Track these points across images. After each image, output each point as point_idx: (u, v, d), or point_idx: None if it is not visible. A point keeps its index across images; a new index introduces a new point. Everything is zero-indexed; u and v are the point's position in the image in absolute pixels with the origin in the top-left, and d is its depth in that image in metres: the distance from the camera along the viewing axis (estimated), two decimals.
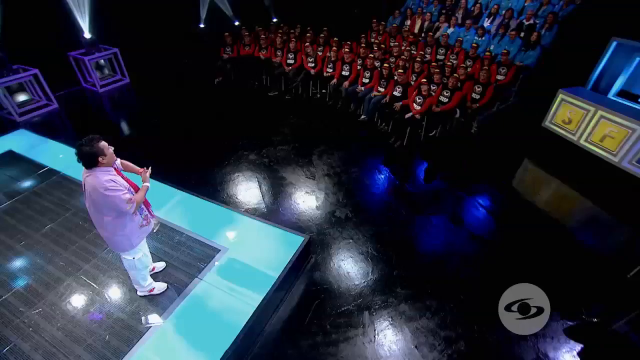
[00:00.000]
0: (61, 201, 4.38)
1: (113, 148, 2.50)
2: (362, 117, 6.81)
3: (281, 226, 3.92)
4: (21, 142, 5.69)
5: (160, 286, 3.23)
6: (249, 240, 3.78)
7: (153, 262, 3.36)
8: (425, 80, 5.81)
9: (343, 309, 3.41)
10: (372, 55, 6.75)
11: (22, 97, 6.71)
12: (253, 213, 4.37)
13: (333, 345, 3.11)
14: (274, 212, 4.58)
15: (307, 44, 7.58)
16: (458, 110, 6.16)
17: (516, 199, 5.03)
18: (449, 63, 6.49)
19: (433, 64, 6.58)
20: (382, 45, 7.48)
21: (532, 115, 6.60)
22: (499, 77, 6.54)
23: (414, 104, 5.94)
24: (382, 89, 6.58)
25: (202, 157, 5.79)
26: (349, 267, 3.85)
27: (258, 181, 5.20)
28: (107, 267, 3.50)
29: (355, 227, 4.37)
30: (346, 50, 7.07)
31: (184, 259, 3.56)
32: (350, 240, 4.18)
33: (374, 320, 3.30)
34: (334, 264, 3.88)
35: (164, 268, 3.46)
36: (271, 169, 5.49)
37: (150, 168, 2.77)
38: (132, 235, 2.68)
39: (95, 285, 3.33)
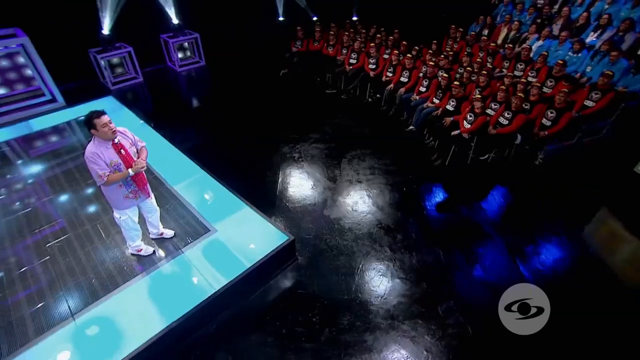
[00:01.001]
0: None
1: (112, 127, 2.82)
2: (411, 127, 6.43)
3: (272, 221, 4.01)
4: (106, 106, 6.85)
5: (147, 249, 3.64)
6: (239, 228, 3.96)
7: (168, 230, 3.81)
8: (479, 96, 5.19)
9: (305, 318, 3.34)
10: (432, 63, 6.28)
11: (118, 70, 8.10)
12: (258, 202, 4.51)
13: (279, 350, 3.09)
14: (279, 207, 4.70)
15: (373, 44, 7.42)
16: (520, 136, 5.37)
17: (584, 257, 4.03)
18: (523, 80, 5.66)
19: (503, 81, 5.81)
20: (450, 53, 6.90)
21: (625, 156, 5.36)
22: (588, 104, 5.47)
23: (464, 121, 5.37)
24: (436, 101, 6.11)
25: (240, 138, 6.32)
26: (330, 279, 3.74)
27: (278, 173, 5.37)
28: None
29: (353, 240, 4.21)
30: (407, 55, 6.72)
31: (178, 231, 3.92)
32: (342, 254, 4.04)
33: (334, 340, 3.16)
34: (316, 272, 3.82)
35: (172, 236, 3.84)
36: (297, 164, 5.61)
37: (140, 164, 2.98)
38: (116, 201, 3.10)
39: (103, 236, 3.91)
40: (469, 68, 6.20)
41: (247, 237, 3.83)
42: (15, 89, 6.91)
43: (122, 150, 2.91)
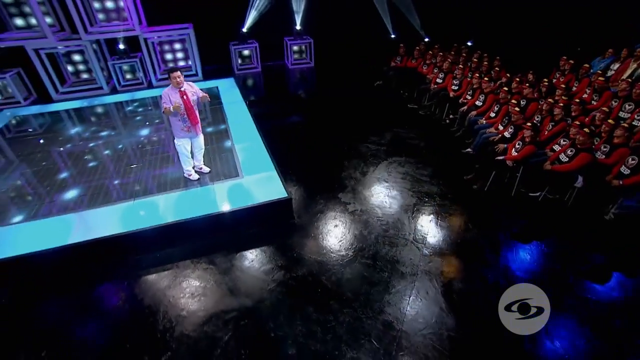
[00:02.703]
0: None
1: (181, 79, 4.34)
2: (469, 149, 6.38)
3: (284, 185, 4.92)
4: (225, 85, 9.05)
5: (194, 176, 5.08)
6: (260, 182, 5.04)
7: (205, 166, 5.22)
8: (529, 124, 4.92)
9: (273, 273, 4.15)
10: (505, 89, 6.13)
11: (246, 60, 10.41)
12: (287, 170, 5.47)
13: (237, 284, 3.98)
14: (304, 180, 5.60)
15: (460, 66, 7.56)
16: (581, 179, 4.83)
17: None
18: (626, 123, 4.96)
19: (577, 122, 5.24)
20: (545, 84, 6.48)
21: None
22: None
23: (513, 149, 5.17)
24: (501, 127, 5.94)
25: (312, 127, 7.60)
26: (313, 241, 4.43)
27: (321, 156, 6.27)
28: None
29: (351, 222, 4.76)
30: (484, 79, 6.67)
31: (219, 171, 5.24)
32: (337, 227, 4.66)
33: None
34: (304, 232, 4.58)
35: (208, 172, 5.24)
36: (341, 154, 6.39)
37: (177, 103, 4.33)
38: (176, 130, 4.62)
39: (172, 160, 5.56)
40: (550, 100, 5.80)
41: (260, 188, 4.86)
42: (178, 65, 9.80)
43: (184, 96, 4.37)
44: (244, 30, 9.93)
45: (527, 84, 6.43)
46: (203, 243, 4.43)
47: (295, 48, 10.75)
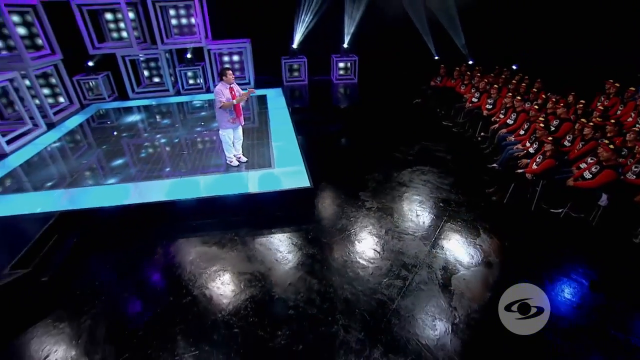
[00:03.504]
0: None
1: (232, 78, 5.17)
2: (494, 165, 6.49)
3: (309, 177, 5.47)
4: (272, 94, 10.00)
5: (234, 162, 5.85)
6: (288, 173, 5.63)
7: (244, 156, 5.98)
8: (550, 138, 5.00)
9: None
10: (536, 107, 6.22)
11: (294, 73, 11.38)
12: (314, 168, 6.03)
13: (255, 254, 4.56)
14: (331, 174, 6.12)
15: (495, 86, 7.73)
16: (605, 197, 4.79)
17: None
18: None
19: (605, 141, 5.19)
20: (581, 105, 6.44)
21: None
22: None
23: (534, 163, 5.26)
24: (528, 144, 6.02)
25: (349, 135, 8.21)
26: (323, 223, 4.91)
27: (348, 163, 6.80)
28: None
29: (364, 216, 5.17)
30: (518, 98, 6.79)
31: (255, 161, 5.97)
32: (346, 219, 5.10)
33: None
34: (320, 217, 5.07)
35: (245, 161, 5.99)
36: (368, 159, 6.82)
37: (239, 97, 5.25)
38: (222, 122, 5.40)
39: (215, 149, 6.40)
40: (583, 120, 5.79)
41: (288, 178, 5.46)
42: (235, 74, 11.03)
43: (233, 92, 5.16)
44: (294, 46, 10.95)
45: (562, 105, 6.44)
46: (233, 218, 5.11)
47: (341, 65, 11.53)
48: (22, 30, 8.23)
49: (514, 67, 10.59)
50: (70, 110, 9.30)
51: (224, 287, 4.02)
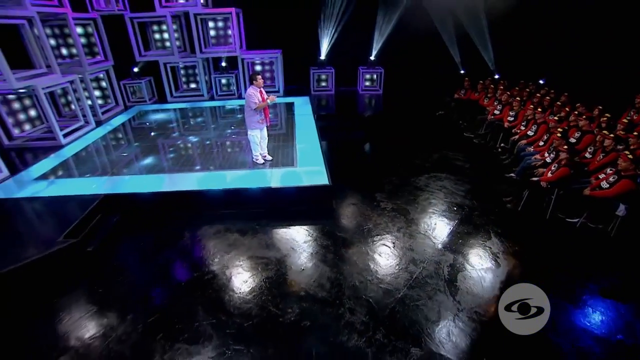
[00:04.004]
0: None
1: (262, 82, 5.68)
2: (512, 174, 6.56)
3: (328, 175, 5.82)
4: (300, 101, 10.54)
5: (260, 160, 6.32)
6: (309, 172, 6.01)
7: (269, 154, 6.44)
8: (566, 147, 5.08)
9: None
10: (556, 118, 6.28)
11: (322, 83, 11.90)
12: (333, 167, 6.39)
13: (273, 242, 4.94)
14: (348, 173, 6.45)
15: (518, 98, 7.82)
16: (624, 207, 4.79)
17: None
18: None
19: (625, 152, 5.18)
20: (604, 118, 6.43)
21: None
22: None
23: (550, 172, 5.34)
24: (546, 155, 6.08)
25: (372, 142, 8.50)
26: (341, 218, 5.22)
27: (368, 167, 7.10)
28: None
29: (379, 214, 5.44)
30: (538, 110, 6.86)
31: (279, 160, 6.42)
32: (360, 214, 5.39)
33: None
34: (338, 213, 5.38)
35: (271, 160, 6.44)
36: (387, 164, 7.10)
37: (272, 99, 5.76)
38: (251, 123, 5.89)
39: (244, 148, 6.90)
40: (604, 132, 5.80)
41: (309, 176, 5.84)
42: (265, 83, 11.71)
43: (262, 95, 5.68)
44: (321, 58, 11.50)
45: (584, 117, 6.46)
46: (255, 210, 5.53)
47: (367, 76, 11.94)
48: (83, 40, 9.28)
49: (540, 81, 10.58)
50: (116, 110, 10.25)
51: (242, 268, 4.40)
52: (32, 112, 8.48)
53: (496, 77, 11.18)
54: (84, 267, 4.44)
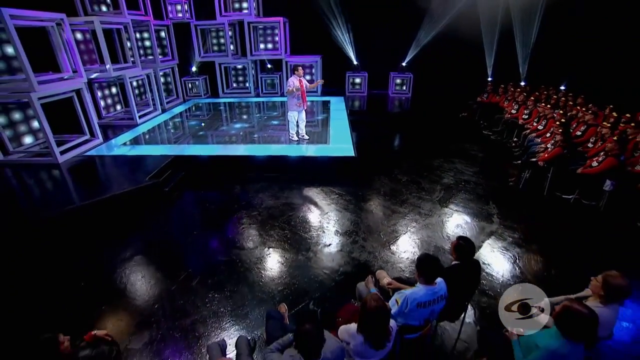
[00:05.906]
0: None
1: (302, 72, 7.01)
2: (518, 161, 7.35)
3: (355, 149, 6.99)
4: (335, 100, 11.85)
5: (295, 137, 7.60)
6: (339, 148, 7.20)
7: (306, 135, 7.71)
8: (561, 130, 5.89)
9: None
10: (561, 112, 7.06)
11: (356, 86, 13.20)
12: (358, 149, 7.53)
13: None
14: (371, 156, 7.56)
15: (532, 98, 8.61)
16: (610, 182, 5.53)
17: None
18: None
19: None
20: (613, 118, 7.10)
21: None
22: None
23: (546, 153, 6.15)
24: (550, 146, 6.86)
25: (397, 134, 9.57)
26: (363, 186, 6.37)
27: (389, 150, 8.15)
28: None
29: (394, 187, 6.50)
30: (548, 106, 7.64)
31: (314, 139, 7.68)
32: (385, 183, 6.49)
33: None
34: (366, 186, 6.53)
35: (307, 139, 7.71)
36: (403, 150, 8.13)
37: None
38: (291, 105, 7.24)
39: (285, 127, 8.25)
40: (605, 123, 6.52)
41: (339, 151, 7.03)
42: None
43: (302, 83, 7.02)
44: (355, 63, 12.82)
45: (590, 112, 7.18)
46: (292, 175, 6.78)
47: (398, 81, 13.09)
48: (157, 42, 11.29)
49: (562, 87, 11.14)
50: (176, 102, 12.11)
51: (280, 210, 5.64)
52: (115, 99, 10.47)
53: (522, 84, 11.87)
54: (161, 201, 5.92)
